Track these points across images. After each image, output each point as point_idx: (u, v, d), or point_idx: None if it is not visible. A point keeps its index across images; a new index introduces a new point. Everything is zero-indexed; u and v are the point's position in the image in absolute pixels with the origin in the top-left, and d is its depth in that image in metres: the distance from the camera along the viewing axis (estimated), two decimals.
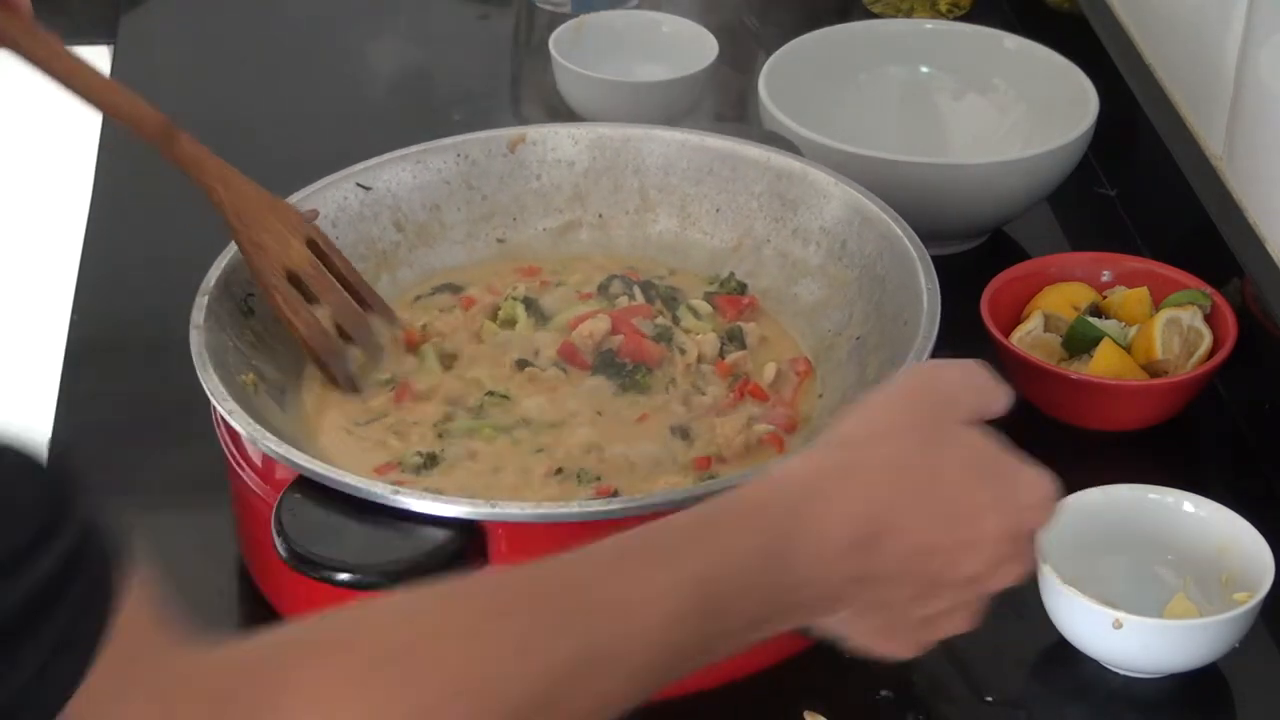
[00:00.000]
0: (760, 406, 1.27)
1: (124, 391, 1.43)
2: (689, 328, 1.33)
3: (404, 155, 1.39)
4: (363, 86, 1.82)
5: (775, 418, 1.26)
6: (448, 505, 1.10)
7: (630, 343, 1.30)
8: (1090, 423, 1.38)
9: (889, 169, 1.48)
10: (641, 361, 1.29)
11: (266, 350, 1.28)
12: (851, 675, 1.19)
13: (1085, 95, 1.58)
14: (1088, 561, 1.23)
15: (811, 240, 1.36)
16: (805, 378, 1.30)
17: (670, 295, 1.35)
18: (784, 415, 1.26)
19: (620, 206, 1.42)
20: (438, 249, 1.39)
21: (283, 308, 1.24)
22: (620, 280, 1.36)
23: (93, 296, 1.54)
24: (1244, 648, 1.18)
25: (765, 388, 1.28)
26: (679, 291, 1.36)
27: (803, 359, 1.31)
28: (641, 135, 1.41)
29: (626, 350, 1.29)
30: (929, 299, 1.23)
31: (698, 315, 1.34)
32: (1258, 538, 1.21)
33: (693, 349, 1.30)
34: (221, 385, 1.18)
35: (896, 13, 1.89)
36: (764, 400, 1.27)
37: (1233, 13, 1.47)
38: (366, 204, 1.37)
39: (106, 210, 1.64)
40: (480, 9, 1.92)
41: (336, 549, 1.09)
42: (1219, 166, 1.50)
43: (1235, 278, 1.41)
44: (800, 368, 1.30)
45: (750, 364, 1.30)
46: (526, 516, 1.10)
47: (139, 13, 1.92)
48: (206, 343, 1.21)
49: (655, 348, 1.30)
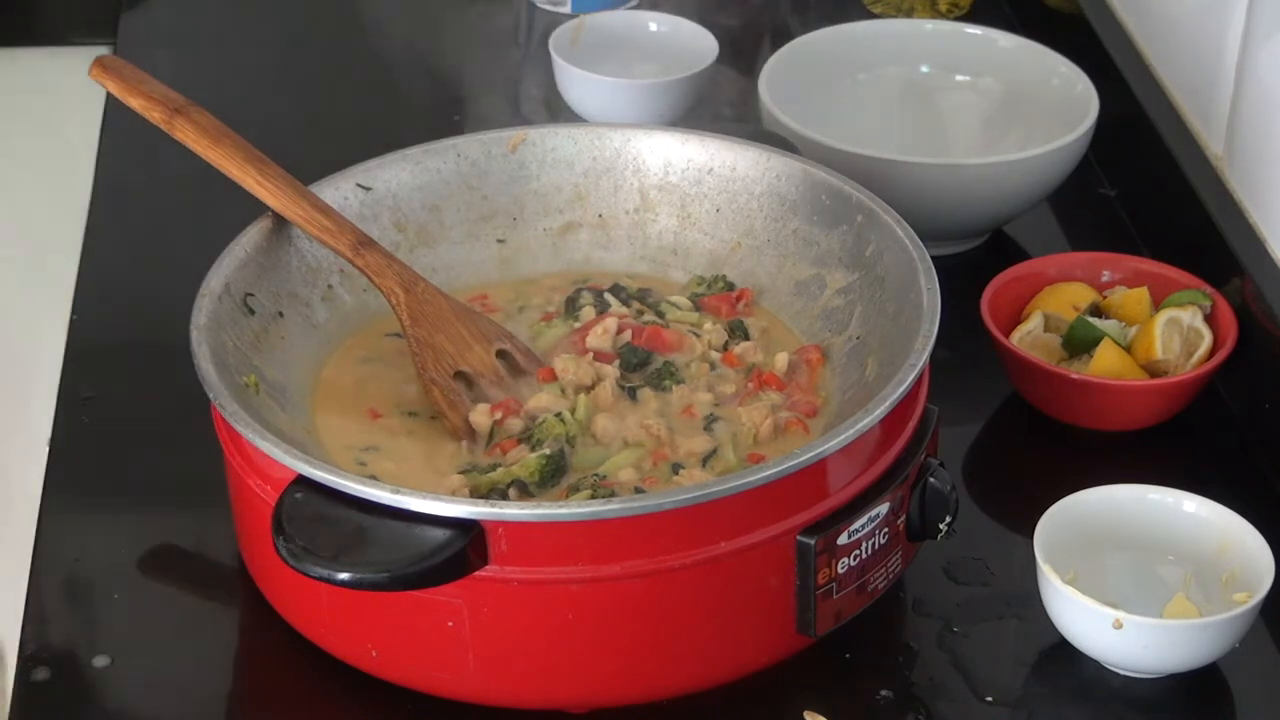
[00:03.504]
0: (779, 395, 1.27)
1: (124, 391, 1.43)
2: (681, 320, 1.33)
3: (404, 155, 1.39)
4: (363, 86, 1.83)
5: (796, 405, 1.27)
6: (448, 505, 1.10)
7: (649, 331, 1.30)
8: (1090, 423, 1.38)
9: (889, 169, 1.48)
10: (658, 350, 1.29)
11: (266, 350, 1.28)
12: (851, 675, 1.20)
13: (1085, 95, 1.58)
14: (1088, 561, 1.23)
15: (811, 241, 1.36)
16: (818, 365, 1.30)
17: (642, 296, 1.36)
18: (805, 402, 1.27)
19: (620, 206, 1.42)
20: (438, 249, 1.39)
21: (438, 400, 1.27)
22: (587, 292, 1.36)
23: (93, 296, 1.54)
24: (1244, 648, 1.18)
25: (780, 377, 1.29)
26: (650, 292, 1.37)
27: (813, 347, 1.31)
28: (641, 135, 1.41)
29: (645, 339, 1.30)
30: (929, 299, 1.24)
31: (680, 309, 1.35)
32: (1258, 538, 1.21)
33: (704, 335, 1.31)
34: (222, 385, 1.18)
35: (896, 13, 1.89)
36: (782, 389, 1.28)
37: (1233, 13, 1.47)
38: (367, 204, 1.37)
39: (106, 210, 1.64)
40: (480, 9, 1.92)
41: (336, 549, 1.09)
42: (1219, 166, 1.50)
43: (1235, 278, 1.41)
44: (811, 356, 1.30)
45: (760, 354, 1.31)
46: (526, 516, 1.10)
47: (139, 13, 1.92)
48: (207, 343, 1.22)
49: (672, 334, 1.30)
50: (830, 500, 1.15)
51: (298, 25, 1.92)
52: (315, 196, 1.32)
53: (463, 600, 1.11)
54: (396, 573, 1.08)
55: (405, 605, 1.12)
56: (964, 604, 1.25)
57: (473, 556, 1.09)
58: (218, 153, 1.31)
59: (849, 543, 1.15)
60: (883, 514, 1.17)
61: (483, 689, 1.15)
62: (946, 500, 1.20)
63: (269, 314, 1.29)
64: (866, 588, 1.18)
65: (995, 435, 1.42)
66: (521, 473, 1.20)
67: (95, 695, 1.21)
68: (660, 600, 1.13)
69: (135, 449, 1.39)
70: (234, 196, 1.32)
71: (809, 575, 1.14)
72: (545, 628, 1.12)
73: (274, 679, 1.21)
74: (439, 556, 1.09)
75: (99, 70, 1.35)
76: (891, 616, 1.25)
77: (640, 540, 1.11)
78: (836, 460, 1.14)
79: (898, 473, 1.18)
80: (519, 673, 1.14)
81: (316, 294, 1.33)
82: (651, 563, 1.11)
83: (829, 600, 1.15)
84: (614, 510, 1.10)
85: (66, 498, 1.34)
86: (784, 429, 1.25)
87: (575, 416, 1.25)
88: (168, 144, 1.32)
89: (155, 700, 1.20)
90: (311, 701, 1.20)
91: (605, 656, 1.14)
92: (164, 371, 1.35)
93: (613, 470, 1.21)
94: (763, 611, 1.16)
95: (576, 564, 1.11)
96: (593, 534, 1.10)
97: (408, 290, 1.30)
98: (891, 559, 1.19)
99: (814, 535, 1.13)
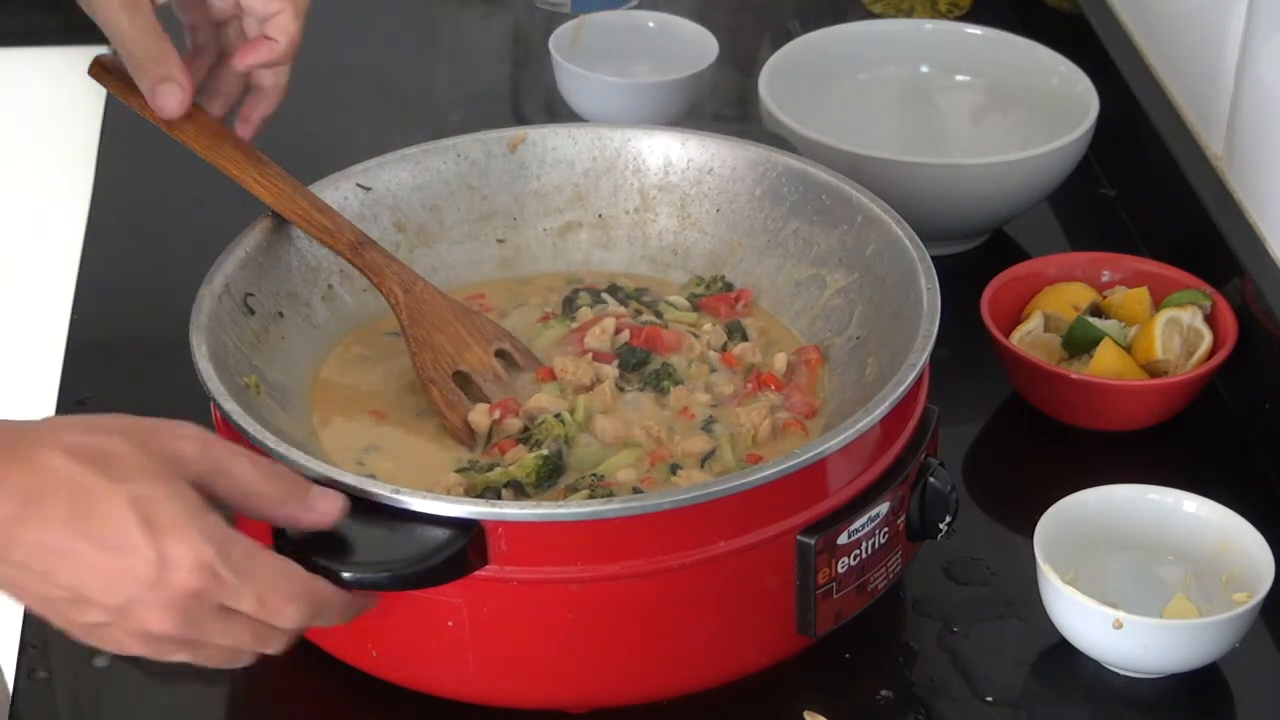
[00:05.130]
0: (778, 395, 1.27)
1: (124, 391, 1.43)
2: (679, 320, 1.33)
3: (404, 155, 1.39)
4: (363, 86, 1.83)
5: (794, 406, 1.27)
6: (448, 505, 1.10)
7: (647, 331, 1.30)
8: (1090, 423, 1.38)
9: (889, 169, 1.48)
10: (657, 350, 1.29)
11: (267, 350, 1.28)
12: (851, 675, 1.20)
13: (1085, 95, 1.58)
14: (1088, 561, 1.23)
15: (811, 241, 1.36)
16: (817, 366, 1.30)
17: (639, 296, 1.36)
18: (803, 403, 1.27)
19: (620, 206, 1.42)
20: (438, 249, 1.39)
21: (437, 400, 1.27)
22: (585, 293, 1.36)
23: (93, 296, 1.54)
24: (1244, 648, 1.18)
25: (779, 377, 1.28)
26: (647, 292, 1.37)
27: (812, 348, 1.31)
28: (641, 135, 1.41)
29: (644, 340, 1.30)
30: (929, 299, 1.23)
31: (678, 309, 1.35)
32: (1258, 538, 1.21)
33: (703, 335, 1.31)
34: (223, 386, 1.18)
35: (896, 13, 1.89)
36: (781, 389, 1.28)
37: (1233, 13, 1.47)
38: (367, 205, 1.37)
39: (106, 210, 1.64)
40: (480, 9, 1.92)
41: (339, 548, 1.09)
42: (1219, 166, 1.50)
43: (1235, 278, 1.41)
44: (810, 356, 1.30)
45: (758, 355, 1.31)
46: (526, 516, 1.10)
47: None
48: (207, 343, 1.22)
49: (670, 334, 1.31)
50: (830, 500, 1.15)
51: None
52: (314, 196, 1.32)
53: (462, 600, 1.11)
54: (396, 572, 1.08)
55: (405, 605, 1.12)
56: (964, 604, 1.25)
57: (472, 556, 1.09)
58: (217, 153, 1.31)
59: (849, 542, 1.15)
60: (883, 514, 1.17)
61: (483, 689, 1.15)
62: (947, 500, 1.20)
63: (269, 314, 1.29)
64: (866, 587, 1.18)
65: (995, 435, 1.42)
66: (519, 473, 1.20)
67: (95, 695, 1.21)
68: (660, 600, 1.12)
69: None
70: (234, 197, 1.32)
71: (809, 575, 1.14)
72: (545, 627, 1.12)
73: (273, 679, 1.21)
74: (439, 556, 1.08)
75: (99, 70, 1.35)
76: (891, 616, 1.25)
77: (640, 540, 1.11)
78: (836, 460, 1.14)
79: (898, 472, 1.18)
80: (519, 673, 1.14)
81: (317, 294, 1.33)
82: (651, 563, 1.11)
83: (829, 600, 1.15)
84: (614, 510, 1.10)
85: None
86: (783, 430, 1.25)
87: (574, 417, 1.25)
88: (168, 144, 1.32)
89: (155, 701, 1.20)
90: (311, 701, 1.20)
91: (605, 656, 1.14)
92: (164, 371, 1.34)
93: (611, 470, 1.21)
94: (763, 612, 1.16)
95: (576, 564, 1.11)
96: (592, 534, 1.10)
97: (407, 290, 1.30)
98: (891, 559, 1.19)
99: (814, 535, 1.13)
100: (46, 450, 0.99)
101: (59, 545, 0.98)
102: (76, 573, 0.99)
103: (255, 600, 1.02)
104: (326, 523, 1.07)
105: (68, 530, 0.98)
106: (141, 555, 0.98)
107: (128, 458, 1.00)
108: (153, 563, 0.99)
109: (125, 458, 1.00)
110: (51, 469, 0.99)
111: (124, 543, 0.98)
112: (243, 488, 1.05)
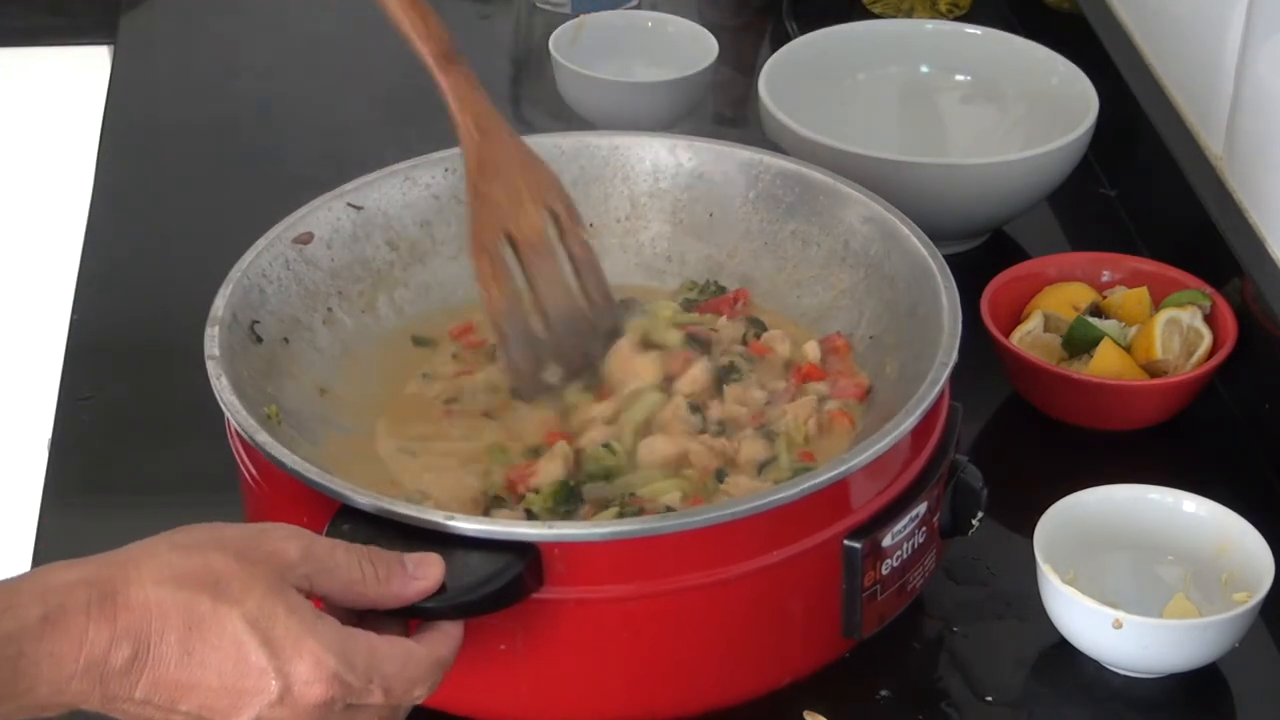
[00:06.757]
0: (824, 385, 1.27)
1: (124, 391, 1.43)
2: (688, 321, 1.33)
3: (392, 172, 1.36)
4: (362, 86, 1.82)
5: (843, 390, 1.26)
6: (506, 528, 1.08)
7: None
8: (1090, 423, 1.38)
9: (889, 169, 1.48)
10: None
11: (277, 378, 1.25)
12: (851, 675, 1.20)
13: (1085, 95, 1.58)
14: (1087, 561, 1.23)
15: (811, 241, 1.35)
16: (846, 352, 1.30)
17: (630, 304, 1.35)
18: (851, 385, 1.26)
19: (611, 215, 1.40)
20: (431, 266, 1.37)
21: (484, 270, 1.22)
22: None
23: (93, 296, 1.54)
24: (1244, 648, 1.18)
25: (818, 365, 1.28)
26: (635, 302, 1.35)
27: (834, 334, 1.31)
28: (629, 143, 1.40)
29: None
30: (948, 296, 1.23)
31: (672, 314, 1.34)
32: (1258, 538, 1.21)
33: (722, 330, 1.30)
34: (253, 420, 1.14)
35: (896, 13, 1.89)
36: (823, 378, 1.27)
37: (1233, 13, 1.47)
38: (359, 224, 1.35)
39: (106, 210, 1.64)
40: (480, 9, 1.92)
41: None
42: (1219, 166, 1.50)
43: (1235, 278, 1.41)
44: (837, 342, 1.30)
45: (787, 342, 1.30)
46: (585, 536, 1.08)
47: (139, 13, 1.92)
48: (227, 374, 1.18)
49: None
50: (873, 504, 1.15)
51: (298, 26, 1.92)
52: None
53: (517, 622, 1.09)
54: (456, 600, 1.05)
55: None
56: (964, 604, 1.25)
57: (529, 579, 1.07)
58: None
59: (892, 544, 1.15)
60: (921, 514, 1.17)
61: (537, 711, 1.14)
62: (978, 496, 1.20)
63: (275, 340, 1.27)
64: (907, 587, 1.18)
65: (995, 435, 1.42)
66: (534, 502, 1.18)
67: None
68: (714, 613, 1.12)
69: (136, 449, 1.38)
70: (233, 196, 1.32)
71: (856, 578, 1.14)
72: (599, 646, 1.11)
73: None
74: (498, 581, 1.06)
75: None
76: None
77: (695, 554, 1.10)
78: (879, 464, 1.14)
79: (933, 472, 1.18)
80: (574, 693, 1.13)
81: (318, 318, 1.31)
82: (705, 576, 1.10)
83: (874, 602, 1.16)
84: (670, 525, 1.09)
85: (66, 497, 1.34)
86: (829, 425, 1.24)
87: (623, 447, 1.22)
88: (168, 144, 1.32)
89: None
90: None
91: (659, 672, 1.13)
92: (164, 371, 1.35)
93: (653, 495, 1.18)
94: (810, 618, 1.15)
95: (632, 581, 1.09)
96: (648, 551, 1.09)
97: (484, 133, 1.26)
98: (928, 557, 1.19)
99: (860, 539, 1.13)
100: (149, 585, 0.95)
101: (179, 679, 0.95)
102: (202, 699, 0.96)
103: (383, 694, 0.99)
104: (433, 587, 1.03)
105: (185, 664, 0.95)
106: (266, 677, 0.96)
107: (233, 575, 0.96)
108: (278, 683, 0.96)
109: (230, 576, 0.96)
110: (158, 604, 0.95)
111: (246, 667, 0.96)
112: (344, 578, 1.01)
